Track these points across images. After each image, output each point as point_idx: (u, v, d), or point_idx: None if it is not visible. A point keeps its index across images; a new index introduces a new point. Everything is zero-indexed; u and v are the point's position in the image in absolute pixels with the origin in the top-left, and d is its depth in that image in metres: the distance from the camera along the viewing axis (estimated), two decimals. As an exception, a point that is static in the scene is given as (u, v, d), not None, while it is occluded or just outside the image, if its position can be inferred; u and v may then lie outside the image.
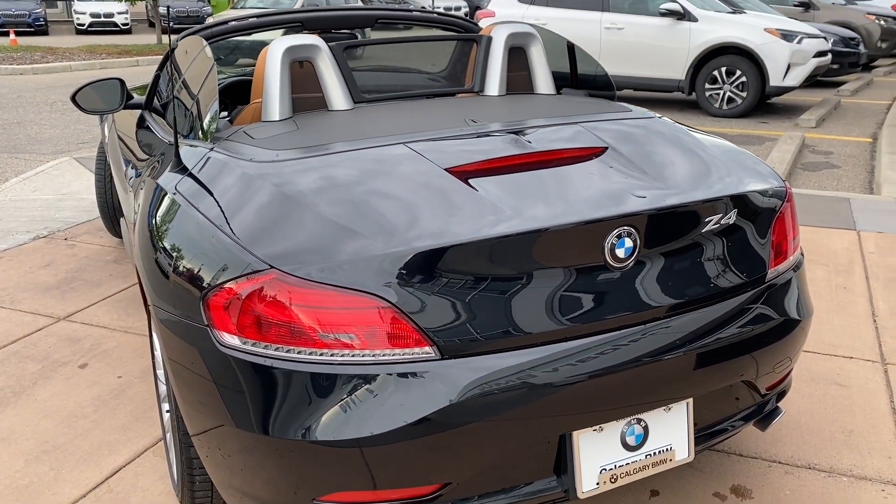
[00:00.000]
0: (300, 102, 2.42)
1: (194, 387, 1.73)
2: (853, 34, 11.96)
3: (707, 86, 9.10)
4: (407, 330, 1.55)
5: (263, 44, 2.83)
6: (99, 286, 3.81)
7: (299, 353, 1.57)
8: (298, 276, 1.56)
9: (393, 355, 1.55)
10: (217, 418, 1.69)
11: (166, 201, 2.00)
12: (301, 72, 2.41)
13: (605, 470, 1.72)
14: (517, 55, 2.66)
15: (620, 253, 1.68)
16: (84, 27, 24.64)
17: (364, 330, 1.55)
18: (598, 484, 1.71)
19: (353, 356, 1.56)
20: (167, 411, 2.35)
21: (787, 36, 8.82)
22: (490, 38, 2.61)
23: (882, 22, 13.76)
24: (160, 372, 2.35)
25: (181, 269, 1.76)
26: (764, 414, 2.02)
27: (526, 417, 1.59)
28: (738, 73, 8.94)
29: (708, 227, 1.80)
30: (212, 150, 2.10)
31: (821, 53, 9.21)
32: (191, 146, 2.20)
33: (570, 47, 2.86)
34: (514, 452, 1.64)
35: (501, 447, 1.62)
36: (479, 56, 2.62)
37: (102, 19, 24.71)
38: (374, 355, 1.56)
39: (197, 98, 2.30)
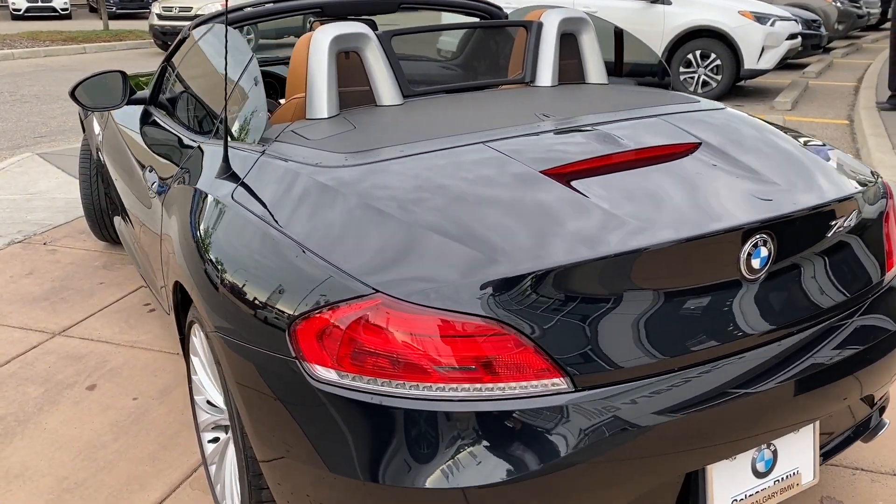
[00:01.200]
0: (343, 97, 2.20)
1: (275, 425, 1.53)
2: (815, 16, 12.09)
3: (681, 69, 9.06)
4: (536, 360, 1.37)
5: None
6: (91, 296, 3.52)
7: (411, 388, 1.38)
8: (410, 301, 1.36)
9: (521, 389, 1.37)
10: (304, 461, 1.49)
11: (220, 212, 1.78)
12: (345, 63, 2.19)
13: (737, 501, 1.57)
14: (567, 42, 2.48)
15: (756, 264, 1.52)
16: (20, 13, 23.51)
17: (487, 361, 1.37)
18: None
19: (474, 391, 1.37)
20: (211, 441, 2.13)
21: (760, 18, 8.82)
22: (541, 25, 2.43)
23: (839, 4, 13.96)
24: (201, 398, 2.13)
25: (256, 293, 1.55)
26: (871, 427, 1.90)
27: (663, 452, 1.43)
28: (713, 56, 8.91)
29: (834, 231, 1.66)
30: (263, 153, 1.88)
31: (792, 36, 9.25)
32: (235, 149, 1.97)
33: (619, 33, 2.70)
34: (645, 489, 1.48)
35: (635, 484, 1.45)
36: (528, 43, 2.44)
37: (40, 4, 23.63)
38: (499, 389, 1.37)
39: (235, 94, 2.07)
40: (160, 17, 14.45)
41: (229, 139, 2.06)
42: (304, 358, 1.45)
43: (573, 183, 1.63)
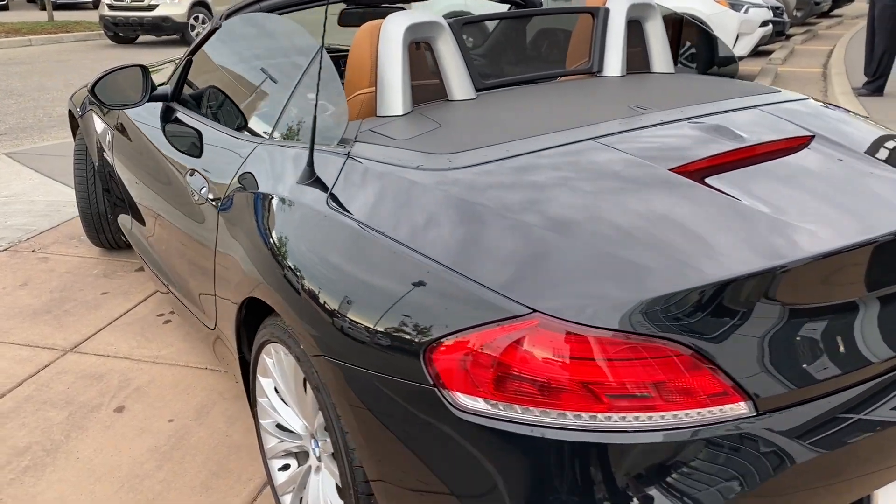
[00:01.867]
0: (412, 91, 2.03)
1: (402, 456, 1.37)
2: (778, 4, 12.23)
3: (658, 57, 9.05)
4: (716, 382, 1.25)
5: None
6: (97, 307, 3.28)
7: (574, 418, 1.24)
8: (572, 321, 1.22)
9: (700, 415, 1.24)
10: (438, 495, 1.34)
11: (314, 222, 1.60)
12: (414, 55, 2.02)
13: None
14: (633, 29, 2.35)
15: None
16: (-46, 3, 22.44)
17: (661, 385, 1.24)
18: None
19: (648, 419, 1.24)
20: (282, 469, 1.96)
21: (735, 6, 8.86)
22: (608, 11, 2.30)
23: (797, -9, 14.18)
24: (269, 422, 1.95)
25: (379, 315, 1.39)
26: None
27: (841, 476, 1.32)
28: (688, 44, 8.91)
29: None
30: (348, 156, 1.71)
31: (764, 23, 9.32)
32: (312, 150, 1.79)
33: (679, 21, 2.58)
34: None
35: None
36: (595, 31, 2.30)
37: (-25, -6, 22.58)
38: (675, 416, 1.24)
39: (304, 91, 1.89)
40: (111, 7, 13.89)
41: (297, 141, 1.89)
42: (445, 385, 1.30)
43: (709, 181, 1.51)
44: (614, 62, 2.29)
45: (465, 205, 1.45)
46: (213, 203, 2.04)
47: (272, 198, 1.77)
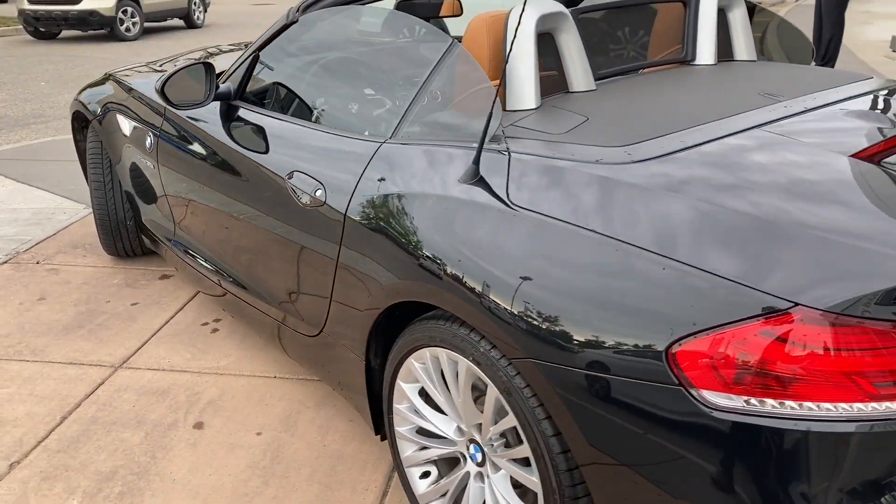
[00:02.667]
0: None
1: (635, 457, 1.35)
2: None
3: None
4: None
5: None
6: (133, 320, 3.11)
7: (842, 409, 1.24)
8: (839, 313, 1.22)
9: None
10: (675, 495, 1.32)
11: (496, 222, 1.55)
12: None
13: None
14: (719, 18, 2.38)
15: None
16: None
17: (920, 370, 1.25)
18: None
19: (905, 404, 1.25)
20: (422, 476, 1.90)
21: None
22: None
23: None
24: (407, 428, 1.89)
25: (603, 314, 1.36)
26: None
27: None
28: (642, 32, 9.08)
29: None
30: (508, 153, 1.66)
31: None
32: (455, 147, 1.73)
33: (752, 8, 2.62)
34: None
35: None
36: (688, 19, 2.31)
37: None
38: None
39: (438, 86, 1.82)
40: (32, 0, 13.14)
41: (434, 138, 1.82)
42: (692, 384, 1.28)
43: (887, 164, 1.54)
44: (707, 50, 2.31)
45: (673, 197, 1.43)
46: (334, 206, 1.94)
47: (432, 199, 1.70)
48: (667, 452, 1.32)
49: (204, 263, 2.72)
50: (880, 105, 1.87)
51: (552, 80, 2.02)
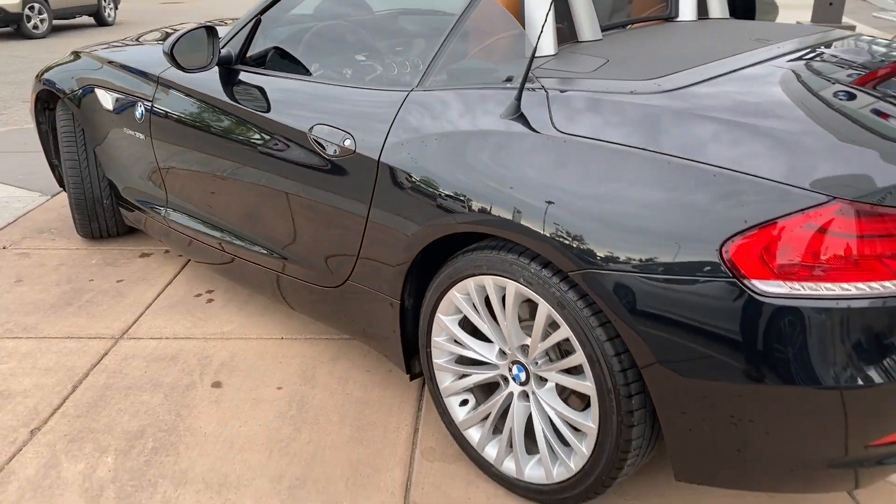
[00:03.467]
0: None
1: (694, 350, 1.50)
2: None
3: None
4: None
5: None
6: (123, 295, 3.08)
7: (867, 287, 1.43)
8: (871, 203, 1.41)
9: None
10: (733, 378, 1.48)
11: (547, 148, 1.68)
12: None
13: None
14: None
15: None
16: None
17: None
18: None
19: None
20: (462, 404, 2.02)
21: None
22: (679, -38, 2.50)
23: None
24: (443, 360, 2.00)
25: (662, 221, 1.51)
26: None
27: None
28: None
29: None
30: (545, 89, 1.79)
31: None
32: (490, 89, 1.85)
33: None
34: None
35: None
36: (671, -20, 2.50)
37: None
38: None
39: (470, 31, 1.93)
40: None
41: (468, 84, 1.94)
42: (744, 275, 1.45)
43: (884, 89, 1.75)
44: (688, 8, 2.50)
45: (710, 118, 1.59)
46: (365, 153, 2.03)
47: (475, 135, 1.81)
48: (720, 340, 1.48)
49: (202, 228, 2.74)
50: (857, 45, 2.10)
51: (561, 32, 2.16)
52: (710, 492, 1.98)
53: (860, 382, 1.43)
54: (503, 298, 1.82)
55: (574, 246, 1.60)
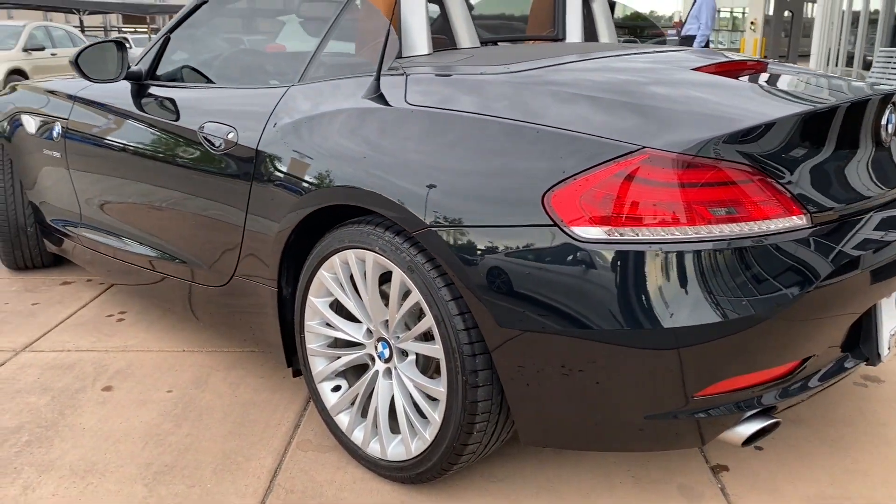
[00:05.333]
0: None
1: (522, 301, 1.55)
2: None
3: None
4: (783, 200, 1.56)
5: None
6: (34, 315, 3.09)
7: (679, 232, 1.49)
8: (677, 152, 1.49)
9: (771, 226, 1.55)
10: (561, 326, 1.52)
11: (399, 119, 1.77)
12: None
13: (892, 335, 1.84)
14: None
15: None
16: None
17: (743, 202, 1.53)
18: (889, 349, 1.83)
19: (733, 229, 1.52)
20: (334, 389, 2.03)
21: None
22: (564, -11, 2.68)
23: None
24: (317, 345, 2.02)
25: (493, 176, 1.58)
26: None
27: (862, 286, 1.66)
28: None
29: None
30: (405, 74, 1.90)
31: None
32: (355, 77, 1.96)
33: (612, 4, 3.02)
34: (842, 322, 1.70)
35: (838, 316, 1.67)
36: (557, 4, 2.67)
37: None
38: (751, 227, 1.53)
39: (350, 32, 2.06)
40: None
41: (338, 76, 2.05)
42: (564, 223, 1.51)
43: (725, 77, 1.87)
44: (575, 32, 2.66)
45: (545, 87, 1.70)
46: (245, 144, 2.11)
47: (340, 114, 1.90)
48: (544, 288, 1.53)
49: (112, 243, 2.78)
50: (706, 54, 2.24)
51: (441, 42, 2.30)
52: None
53: (674, 325, 1.47)
54: (364, 274, 1.87)
55: (417, 205, 1.66)
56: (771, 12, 23.91)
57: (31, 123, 3.13)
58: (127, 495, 1.89)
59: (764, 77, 1.99)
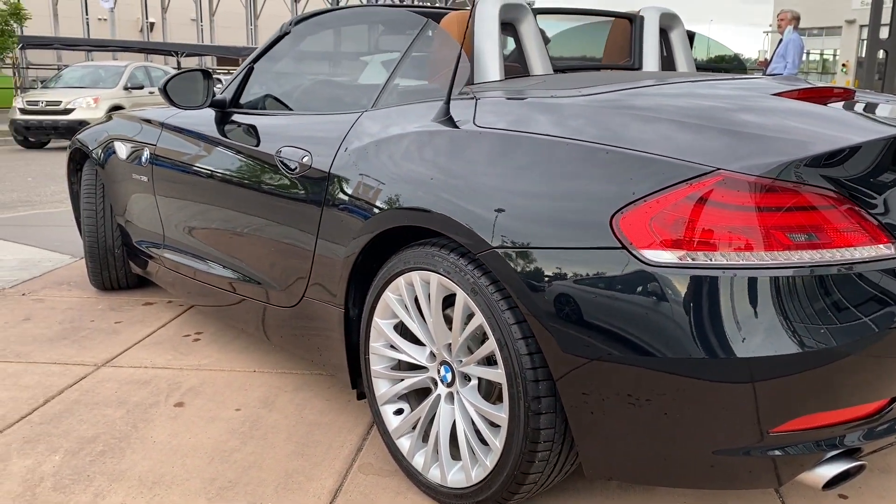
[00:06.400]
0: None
1: (590, 326, 1.50)
2: None
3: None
4: (868, 227, 1.48)
5: None
6: (116, 333, 3.21)
7: (755, 258, 1.43)
8: (754, 175, 1.44)
9: (855, 253, 1.46)
10: (631, 353, 1.47)
11: (466, 141, 1.77)
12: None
13: None
14: (662, 36, 2.72)
15: None
16: None
17: (825, 228, 1.45)
18: None
19: (817, 256, 1.44)
20: (396, 413, 2.01)
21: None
22: (643, 18, 2.66)
23: None
24: (381, 367, 2.02)
25: (560, 198, 1.56)
26: None
27: None
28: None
29: None
30: (475, 97, 1.91)
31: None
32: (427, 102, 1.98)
33: (692, 36, 2.98)
34: None
35: None
36: (633, 34, 2.65)
37: None
38: (833, 254, 1.45)
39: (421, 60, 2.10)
40: (24, 111, 13.63)
41: (411, 101, 2.07)
42: (634, 245, 1.47)
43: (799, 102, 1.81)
44: (652, 60, 2.63)
45: (618, 110, 1.67)
46: (318, 167, 2.15)
47: (407, 137, 1.92)
48: (611, 313, 1.48)
49: (193, 264, 2.87)
50: (793, 81, 2.17)
51: (514, 70, 2.30)
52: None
53: (751, 355, 1.40)
54: (429, 296, 1.86)
55: (481, 226, 1.65)
56: (863, 54, 23.19)
57: (122, 150, 3.29)
58: (190, 508, 1.92)
59: (850, 104, 1.91)
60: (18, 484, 2.03)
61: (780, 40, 8.74)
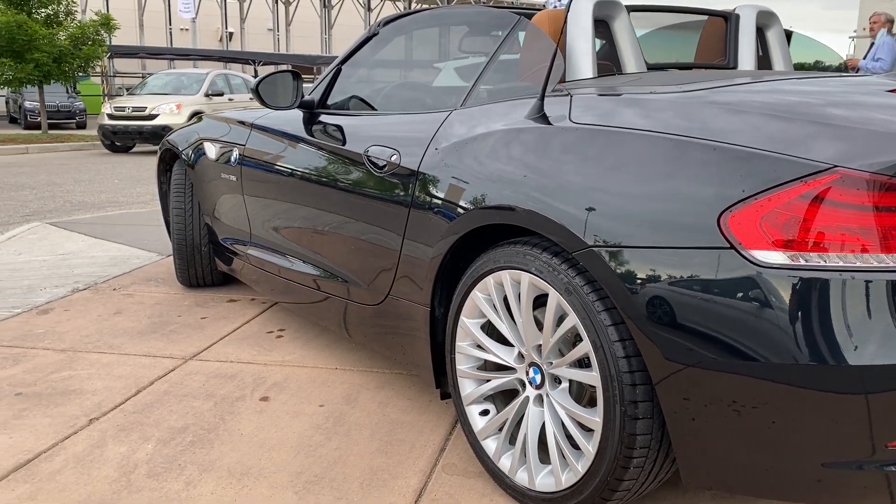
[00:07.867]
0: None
1: (694, 329, 1.45)
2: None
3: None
4: None
5: None
6: (202, 328, 3.29)
7: (875, 260, 1.36)
8: (872, 172, 1.36)
9: None
10: (734, 359, 1.41)
11: (562, 137, 1.75)
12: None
13: None
14: (758, 35, 2.63)
15: None
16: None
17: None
18: None
19: (941, 258, 1.36)
20: (482, 413, 1.99)
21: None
22: (738, 16, 2.58)
23: None
24: (467, 367, 2.00)
25: (666, 194, 1.51)
26: None
27: None
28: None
29: None
30: (569, 94, 1.88)
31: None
32: (523, 99, 1.96)
33: (789, 35, 2.88)
34: None
35: None
36: (728, 33, 2.57)
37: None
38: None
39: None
40: (112, 116, 14.21)
41: (499, 99, 2.06)
42: (743, 246, 1.41)
43: None
44: (748, 59, 2.54)
45: (720, 105, 1.61)
46: (407, 165, 2.16)
47: (498, 134, 1.90)
48: (717, 315, 1.43)
49: (278, 261, 2.92)
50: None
51: (607, 68, 2.26)
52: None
53: (867, 363, 1.33)
54: (519, 296, 1.83)
55: (577, 224, 1.62)
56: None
57: (212, 150, 3.38)
58: (279, 500, 1.94)
59: None
60: (114, 469, 2.09)
61: (872, 43, 8.39)
